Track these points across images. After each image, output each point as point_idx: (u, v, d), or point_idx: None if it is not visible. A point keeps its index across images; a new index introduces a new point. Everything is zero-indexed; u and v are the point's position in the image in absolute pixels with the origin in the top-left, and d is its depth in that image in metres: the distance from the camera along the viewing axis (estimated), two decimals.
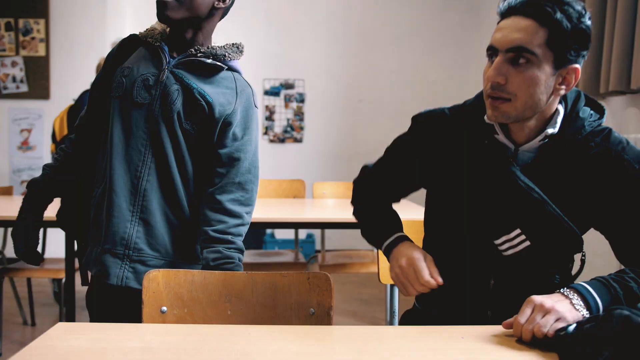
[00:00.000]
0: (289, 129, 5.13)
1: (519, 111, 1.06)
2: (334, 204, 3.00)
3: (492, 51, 1.08)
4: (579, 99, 1.13)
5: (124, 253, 1.38)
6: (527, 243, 1.13)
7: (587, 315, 1.00)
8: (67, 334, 1.03)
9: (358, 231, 1.51)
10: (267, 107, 5.12)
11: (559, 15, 1.00)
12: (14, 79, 4.40)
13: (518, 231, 1.13)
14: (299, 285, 1.22)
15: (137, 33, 1.48)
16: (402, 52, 5.14)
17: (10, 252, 3.32)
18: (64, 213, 1.55)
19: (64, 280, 2.44)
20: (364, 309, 3.63)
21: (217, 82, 1.42)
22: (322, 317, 1.19)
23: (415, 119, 1.28)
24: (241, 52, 1.48)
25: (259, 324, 1.19)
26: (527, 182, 1.10)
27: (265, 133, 5.15)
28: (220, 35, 5.33)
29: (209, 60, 1.40)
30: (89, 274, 1.50)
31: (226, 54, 1.42)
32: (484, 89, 1.12)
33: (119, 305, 1.43)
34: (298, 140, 5.15)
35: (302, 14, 5.09)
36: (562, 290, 1.03)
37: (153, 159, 1.38)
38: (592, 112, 1.14)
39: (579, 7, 1.02)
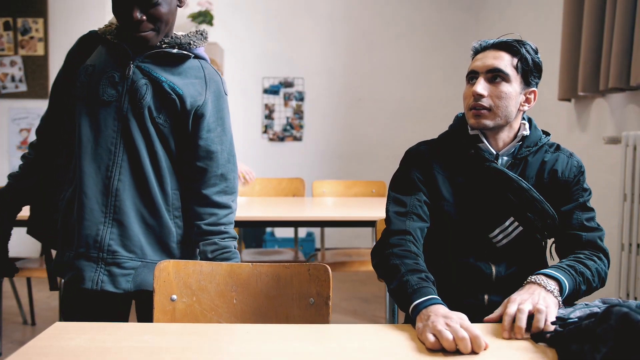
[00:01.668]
0: (288, 127, 5.13)
1: (496, 118, 1.34)
2: (334, 203, 3.00)
3: (472, 75, 1.38)
4: (532, 120, 1.45)
5: (98, 256, 1.35)
6: (519, 229, 1.36)
7: (559, 297, 1.14)
8: (64, 334, 1.02)
9: (358, 229, 1.50)
10: (266, 105, 5.12)
11: (523, 50, 1.35)
12: (12, 79, 4.40)
13: (512, 219, 1.36)
14: (300, 276, 1.29)
15: (97, 30, 1.44)
16: (402, 51, 5.14)
17: (10, 251, 3.32)
18: (34, 220, 1.50)
19: (63, 280, 2.43)
20: (363, 307, 3.63)
21: (185, 73, 1.40)
22: (320, 306, 1.27)
23: (407, 152, 1.47)
24: (205, 38, 1.45)
25: (262, 312, 1.29)
26: (513, 174, 1.35)
27: (265, 132, 5.14)
28: (221, 30, 5.31)
29: (175, 50, 1.37)
30: (59, 279, 1.47)
31: (191, 42, 1.40)
32: (465, 105, 1.39)
33: (97, 308, 1.40)
34: (297, 139, 5.14)
35: (302, 13, 5.09)
36: (531, 278, 1.18)
37: (124, 157, 1.35)
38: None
39: (534, 47, 1.38)
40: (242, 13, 5.04)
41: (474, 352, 0.94)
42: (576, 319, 1.00)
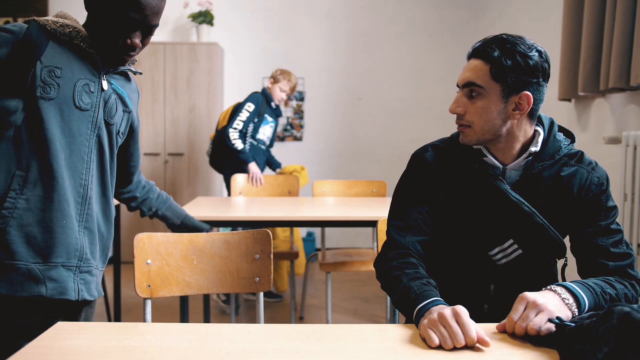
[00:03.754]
0: (288, 127, 5.13)
1: (479, 135, 1.25)
2: (334, 202, 3.00)
3: (458, 88, 1.28)
4: (553, 125, 1.31)
5: (76, 265, 1.33)
6: (519, 252, 1.29)
7: (576, 311, 1.05)
8: (66, 334, 1.03)
9: (358, 229, 1.49)
10: None
11: (496, 53, 1.20)
12: None
13: (511, 241, 1.29)
14: (246, 240, 1.62)
15: (39, 22, 1.31)
16: (402, 50, 5.14)
17: None
18: None
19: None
20: (364, 307, 3.63)
21: (130, 87, 1.49)
22: (264, 259, 1.61)
23: (414, 155, 1.39)
24: None
25: (217, 268, 1.61)
26: (517, 197, 1.25)
27: None
28: (221, 30, 5.32)
29: (134, 68, 1.46)
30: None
31: (136, 57, 1.45)
32: None
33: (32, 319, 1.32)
34: (298, 139, 5.14)
35: (302, 12, 5.09)
36: (550, 287, 1.09)
37: (94, 166, 1.38)
38: (564, 137, 1.32)
39: (523, 47, 1.20)
40: (242, 13, 5.04)
41: (471, 347, 0.96)
42: (577, 319, 1.00)
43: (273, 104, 3.74)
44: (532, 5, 3.96)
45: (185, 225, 1.83)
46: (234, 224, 2.59)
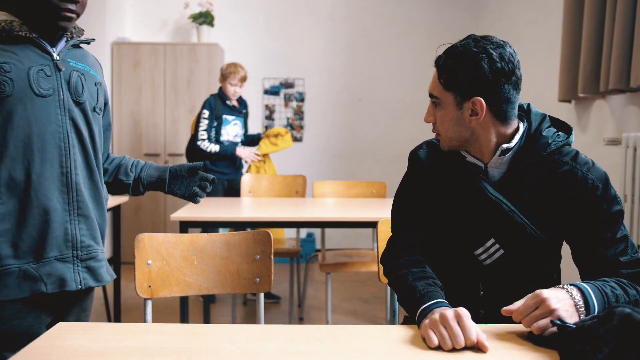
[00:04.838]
0: (288, 128, 5.13)
1: (447, 142, 1.28)
2: (334, 203, 3.00)
3: None
4: (544, 121, 1.26)
5: (73, 255, 1.31)
6: (502, 251, 1.27)
7: (583, 317, 1.03)
8: (67, 334, 1.03)
9: (358, 230, 1.49)
10: (267, 106, 5.12)
11: (442, 62, 1.22)
12: None
13: (492, 241, 1.27)
14: (247, 240, 1.62)
15: None
16: (402, 50, 5.14)
17: None
18: None
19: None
20: (364, 307, 3.63)
21: (89, 59, 1.42)
22: (265, 260, 1.61)
23: (410, 154, 1.40)
24: None
25: (218, 269, 1.60)
26: (496, 195, 1.23)
27: None
28: (221, 30, 5.30)
29: (85, 38, 1.40)
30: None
31: (83, 29, 1.41)
32: None
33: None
34: (298, 140, 5.14)
35: (302, 13, 5.09)
36: (567, 287, 1.06)
37: (75, 150, 1.32)
38: (558, 132, 1.26)
39: (470, 52, 1.17)
40: (242, 13, 5.04)
41: (470, 348, 0.96)
42: (579, 321, 1.00)
43: (229, 102, 3.68)
44: (532, 6, 3.96)
45: (177, 173, 1.58)
46: (233, 225, 2.59)
